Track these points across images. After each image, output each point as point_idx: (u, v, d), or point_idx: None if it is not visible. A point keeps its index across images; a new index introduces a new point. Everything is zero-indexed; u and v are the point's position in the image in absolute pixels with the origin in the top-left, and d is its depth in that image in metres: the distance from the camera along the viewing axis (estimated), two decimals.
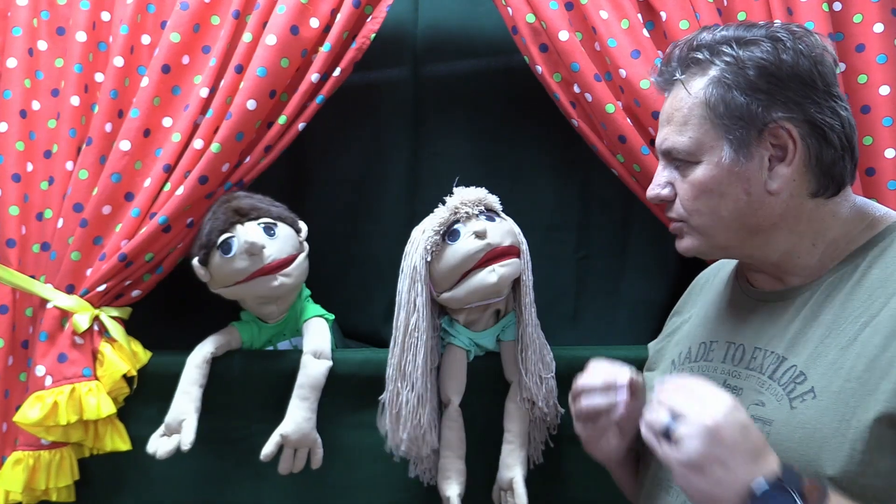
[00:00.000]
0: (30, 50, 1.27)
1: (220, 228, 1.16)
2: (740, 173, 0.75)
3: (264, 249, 1.16)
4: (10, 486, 1.18)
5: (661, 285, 1.45)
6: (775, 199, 0.75)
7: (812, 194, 0.76)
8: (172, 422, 1.16)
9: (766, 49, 0.73)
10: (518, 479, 1.12)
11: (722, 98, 0.74)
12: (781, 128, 0.73)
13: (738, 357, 0.81)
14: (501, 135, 1.49)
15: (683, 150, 0.78)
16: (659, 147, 0.82)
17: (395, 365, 1.11)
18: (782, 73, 0.73)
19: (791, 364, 0.74)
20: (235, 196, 1.22)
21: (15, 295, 1.26)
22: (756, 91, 0.73)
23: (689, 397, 0.68)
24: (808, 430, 0.69)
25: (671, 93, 0.81)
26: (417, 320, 1.09)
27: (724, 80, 0.74)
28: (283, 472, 1.17)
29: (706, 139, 0.76)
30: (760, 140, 0.74)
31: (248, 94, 1.20)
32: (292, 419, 1.15)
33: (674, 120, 0.79)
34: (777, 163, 0.75)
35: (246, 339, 1.27)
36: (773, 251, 0.79)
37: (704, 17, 1.20)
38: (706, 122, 0.76)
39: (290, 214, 1.26)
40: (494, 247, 1.09)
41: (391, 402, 1.12)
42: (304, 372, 1.18)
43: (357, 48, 1.27)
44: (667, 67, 0.81)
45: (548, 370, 1.16)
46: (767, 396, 0.74)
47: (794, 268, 0.79)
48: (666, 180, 0.82)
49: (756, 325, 0.81)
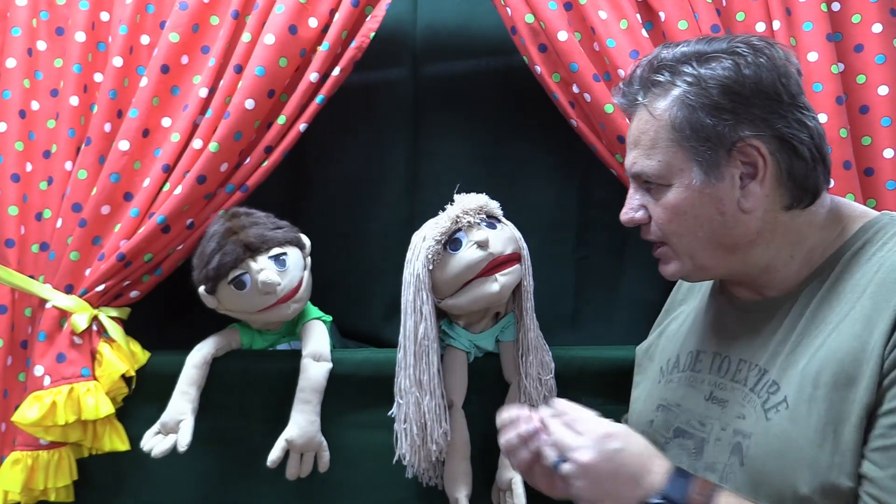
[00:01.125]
0: (29, 50, 1.28)
1: (230, 264, 1.14)
2: (712, 194, 0.74)
3: (278, 287, 1.15)
4: (8, 486, 1.18)
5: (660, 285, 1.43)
6: (750, 216, 0.75)
7: (786, 207, 0.75)
8: (169, 421, 1.16)
9: (726, 66, 0.72)
10: (517, 479, 1.12)
11: (687, 120, 0.73)
12: (750, 146, 0.72)
13: (725, 369, 0.81)
14: (500, 135, 1.49)
15: (653, 174, 0.77)
16: (629, 170, 0.81)
17: (409, 376, 1.10)
18: (746, 90, 0.72)
19: (770, 377, 0.74)
20: (240, 224, 1.17)
21: (14, 295, 1.26)
22: (721, 111, 0.72)
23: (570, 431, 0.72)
24: (783, 441, 0.68)
25: (636, 115, 0.80)
26: (426, 328, 1.09)
27: (687, 100, 0.74)
28: (291, 478, 1.16)
29: (675, 162, 0.75)
30: (730, 159, 0.73)
31: (247, 94, 1.20)
32: (296, 424, 1.15)
33: (641, 143, 0.78)
34: (749, 180, 0.74)
35: (246, 341, 1.27)
36: (753, 267, 0.78)
37: (703, 17, 1.20)
38: (674, 145, 0.75)
39: (294, 234, 1.22)
40: (497, 256, 1.09)
41: (413, 414, 1.09)
42: (305, 375, 1.17)
43: (357, 47, 1.27)
44: (629, 89, 0.80)
45: (547, 372, 1.16)
46: (748, 409, 0.74)
47: (774, 280, 0.79)
48: (639, 203, 0.82)
49: (741, 337, 0.81)
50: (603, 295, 1.48)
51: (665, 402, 0.87)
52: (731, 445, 0.74)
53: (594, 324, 1.47)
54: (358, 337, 1.49)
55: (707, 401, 0.80)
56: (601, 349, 1.24)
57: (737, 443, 0.74)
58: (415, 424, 1.09)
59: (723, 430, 0.77)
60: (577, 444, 0.70)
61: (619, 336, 1.44)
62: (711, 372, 0.82)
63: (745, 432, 0.73)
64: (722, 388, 0.80)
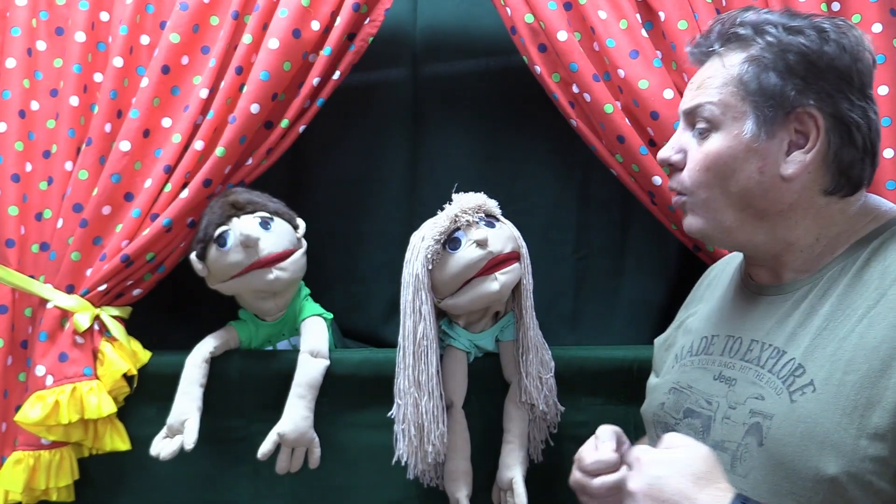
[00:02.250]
0: (29, 50, 1.27)
1: (216, 222, 1.17)
2: (758, 150, 0.74)
3: (259, 242, 1.16)
4: (10, 486, 1.18)
5: (660, 285, 1.45)
6: (787, 185, 0.74)
7: (825, 191, 0.75)
8: (175, 422, 1.16)
9: (811, 37, 0.73)
10: (518, 478, 1.12)
11: (756, 76, 0.74)
12: (808, 114, 0.73)
13: (735, 349, 0.80)
14: (500, 135, 1.49)
15: (709, 111, 0.77)
16: (683, 107, 0.81)
17: (408, 377, 1.09)
18: (822, 63, 0.72)
19: (790, 357, 0.73)
20: (233, 191, 1.22)
21: (14, 295, 1.26)
22: (793, 75, 0.73)
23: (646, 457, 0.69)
24: (809, 425, 0.68)
25: (706, 63, 0.80)
26: (426, 328, 1.08)
27: (762, 59, 0.74)
28: (281, 472, 1.17)
29: (733, 108, 0.75)
30: (786, 122, 0.73)
31: (252, 98, 1.21)
32: (289, 418, 1.15)
33: (705, 85, 0.78)
34: (796, 149, 0.74)
35: (244, 338, 1.27)
36: (777, 241, 0.78)
37: (703, 16, 1.20)
38: (737, 94, 0.75)
39: (288, 211, 1.26)
40: (496, 255, 1.09)
41: (411, 415, 1.09)
42: (301, 371, 1.18)
43: (355, 51, 1.28)
44: (705, 40, 0.81)
45: (547, 370, 1.17)
46: (767, 390, 0.73)
47: (795, 261, 0.78)
48: (680, 146, 0.81)
49: (755, 318, 0.80)
50: (603, 295, 1.48)
51: (677, 385, 0.86)
52: (748, 426, 0.73)
53: (594, 324, 1.47)
54: (358, 337, 1.49)
55: (715, 380, 0.80)
56: (601, 349, 1.24)
57: (755, 423, 0.72)
58: (412, 425, 1.09)
59: (731, 409, 0.76)
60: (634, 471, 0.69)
61: (618, 336, 1.44)
62: (723, 354, 0.82)
63: (765, 413, 0.72)
64: (731, 368, 0.79)
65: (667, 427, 0.85)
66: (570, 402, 1.20)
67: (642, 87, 1.18)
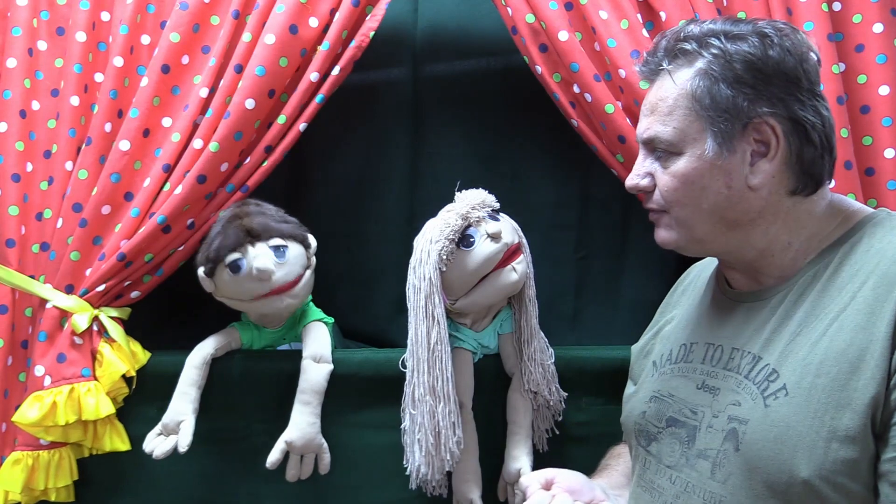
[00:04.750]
0: (29, 50, 1.27)
1: (230, 247, 1.14)
2: (722, 166, 0.75)
3: (273, 275, 1.14)
4: (9, 487, 1.18)
5: (660, 285, 1.43)
6: (755, 194, 0.76)
7: (791, 192, 0.76)
8: (170, 422, 1.16)
9: (753, 44, 0.74)
10: (526, 469, 1.12)
11: (708, 90, 0.75)
12: (766, 123, 0.74)
13: (717, 358, 0.81)
14: (501, 135, 1.49)
15: (666, 141, 0.78)
16: (640, 136, 0.82)
17: (423, 384, 1.07)
18: (768, 69, 0.73)
19: (765, 363, 0.74)
20: (247, 212, 1.18)
21: (14, 295, 1.26)
22: (742, 85, 0.73)
23: None
24: (782, 429, 0.69)
25: (656, 83, 0.81)
26: (439, 333, 1.07)
27: (710, 72, 0.75)
28: (291, 480, 1.16)
29: (690, 131, 0.76)
30: (744, 134, 0.74)
31: (247, 94, 1.20)
32: (296, 425, 1.14)
33: (658, 110, 0.79)
34: (759, 158, 0.75)
35: (246, 340, 1.27)
36: (750, 248, 0.79)
37: (704, 16, 1.20)
38: (691, 114, 0.76)
39: (300, 231, 1.22)
40: (509, 246, 1.10)
41: (428, 424, 1.07)
42: (305, 377, 1.17)
43: (356, 47, 1.27)
44: (653, 57, 0.81)
45: (548, 357, 1.17)
46: (743, 396, 0.74)
47: (770, 266, 0.79)
48: (646, 171, 0.82)
49: (734, 326, 0.81)
50: (603, 295, 1.48)
51: (657, 393, 0.87)
52: (725, 432, 0.74)
53: (594, 324, 1.47)
54: (360, 337, 1.49)
55: (699, 389, 0.81)
56: (601, 349, 1.24)
57: (731, 429, 0.74)
58: (429, 434, 1.07)
59: (714, 418, 0.77)
60: None
61: (619, 336, 1.44)
62: (704, 362, 0.82)
63: (741, 418, 0.73)
64: (714, 377, 0.80)
65: (649, 436, 0.85)
66: (571, 403, 1.20)
67: (643, 87, 1.17)
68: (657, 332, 0.99)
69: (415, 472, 1.10)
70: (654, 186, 0.81)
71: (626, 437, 0.95)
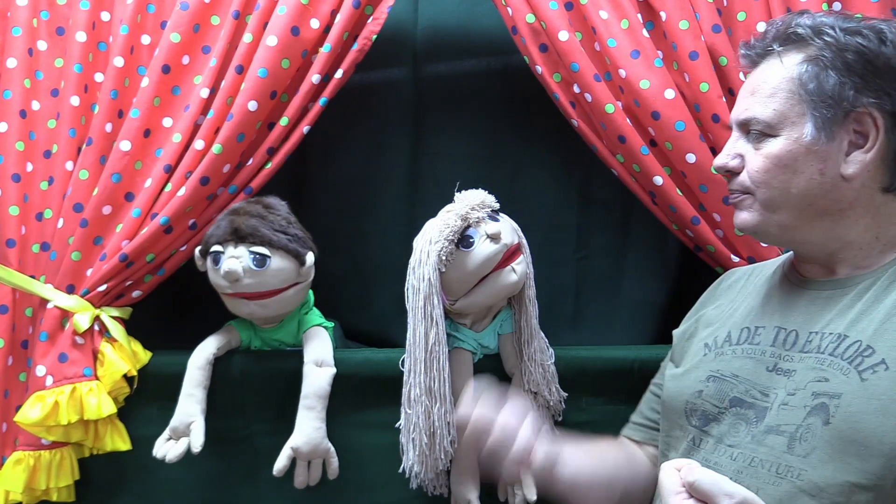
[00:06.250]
0: (29, 50, 1.27)
1: (216, 238, 1.15)
2: (819, 152, 0.75)
3: (243, 279, 1.13)
4: (10, 486, 1.18)
5: (660, 286, 1.45)
6: (848, 185, 0.75)
7: (884, 188, 0.75)
8: (179, 425, 1.15)
9: (868, 37, 0.74)
10: None
11: (816, 75, 0.74)
12: (869, 114, 0.73)
13: (791, 342, 0.79)
14: (501, 135, 1.49)
15: (764, 122, 0.77)
16: (736, 118, 0.81)
17: (419, 384, 1.08)
18: (880, 63, 0.73)
19: (854, 340, 0.73)
20: (247, 210, 1.17)
21: (15, 295, 1.26)
22: (851, 74, 0.73)
23: None
24: (885, 401, 0.68)
25: (760, 66, 0.81)
26: (437, 334, 1.08)
27: (821, 58, 0.74)
28: (300, 486, 1.16)
29: (790, 114, 0.76)
30: (845, 123, 0.74)
31: (249, 95, 1.20)
32: (301, 431, 1.14)
33: (759, 91, 0.79)
34: (855, 149, 0.74)
35: (244, 338, 1.27)
36: (835, 239, 0.78)
37: (704, 17, 1.20)
38: (793, 97, 0.76)
39: (295, 246, 1.17)
40: (509, 246, 1.10)
41: (423, 424, 1.08)
42: (308, 381, 1.17)
43: (358, 49, 1.27)
44: (761, 42, 0.81)
45: (548, 357, 1.17)
46: (831, 372, 0.73)
47: (854, 259, 0.78)
48: (737, 152, 0.81)
49: (810, 311, 0.80)
50: (603, 295, 1.48)
51: (718, 373, 0.85)
52: (809, 408, 0.72)
53: (594, 324, 1.47)
54: (362, 337, 1.49)
55: (770, 371, 0.79)
56: (602, 349, 1.24)
57: (820, 404, 0.72)
58: (424, 434, 1.08)
59: (790, 395, 0.75)
60: None
61: (619, 336, 1.44)
62: (775, 345, 0.81)
63: (830, 393, 0.71)
64: (788, 360, 0.78)
65: (706, 416, 0.83)
66: (571, 403, 1.20)
67: (643, 87, 1.18)
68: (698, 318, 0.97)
69: (408, 470, 1.11)
70: (742, 168, 0.80)
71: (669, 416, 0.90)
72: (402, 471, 1.12)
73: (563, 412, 1.20)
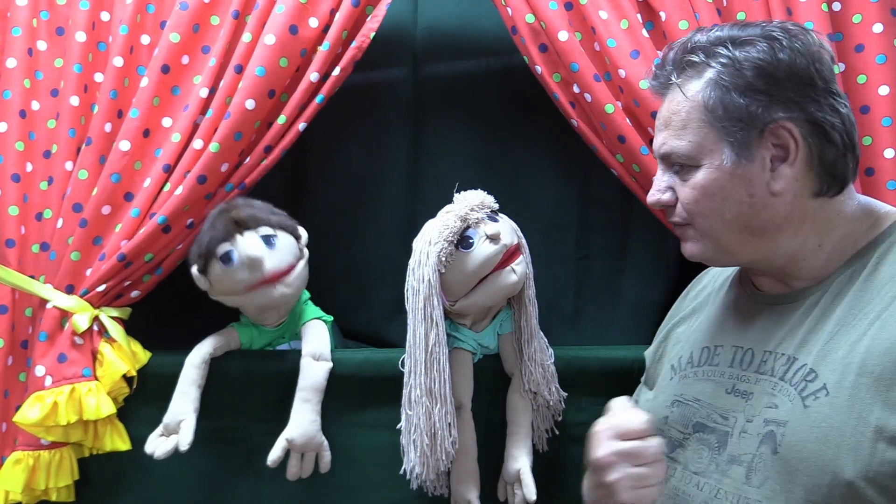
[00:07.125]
0: (29, 50, 1.27)
1: (219, 239, 1.15)
2: (742, 175, 0.74)
3: (264, 261, 1.14)
4: (9, 486, 1.18)
5: (660, 286, 1.44)
6: (779, 199, 0.74)
7: (815, 194, 0.75)
8: (171, 422, 1.16)
9: (762, 49, 0.72)
10: (525, 468, 1.12)
11: (720, 100, 0.73)
12: (782, 127, 0.72)
13: (748, 361, 0.80)
14: (501, 135, 1.49)
15: (683, 155, 0.77)
16: (657, 151, 0.81)
17: (420, 385, 1.08)
18: (780, 73, 0.72)
19: (802, 364, 0.73)
20: (234, 205, 1.19)
21: (14, 295, 1.26)
22: (755, 92, 0.72)
23: None
24: (824, 429, 0.67)
25: (667, 96, 0.80)
26: (437, 335, 1.07)
27: (721, 81, 0.74)
28: (292, 478, 1.16)
29: (706, 142, 0.75)
30: (761, 141, 0.73)
31: (247, 94, 1.20)
32: (296, 423, 1.14)
33: (672, 124, 0.78)
34: (779, 163, 0.74)
35: (245, 340, 1.27)
36: (780, 254, 0.78)
37: (704, 17, 1.20)
38: (705, 126, 0.75)
39: (290, 222, 1.23)
40: (508, 247, 1.10)
41: (423, 425, 1.07)
42: (305, 375, 1.17)
43: (357, 47, 1.27)
44: (661, 71, 0.80)
45: (548, 357, 1.17)
46: (780, 398, 0.73)
47: (801, 270, 0.78)
48: (666, 185, 0.81)
49: (764, 329, 0.80)
50: (603, 295, 1.48)
51: (681, 398, 0.85)
52: (762, 436, 0.73)
53: (594, 324, 1.47)
54: (359, 337, 1.49)
55: (729, 394, 0.79)
56: (602, 349, 1.24)
57: (769, 432, 0.72)
58: (425, 435, 1.07)
59: (749, 422, 0.75)
60: None
61: (619, 336, 1.44)
62: (733, 365, 0.81)
63: (778, 420, 0.72)
64: (745, 381, 0.78)
65: (672, 442, 0.84)
66: (570, 403, 1.20)
67: (643, 87, 1.18)
68: (666, 335, 0.98)
69: (409, 472, 1.11)
70: (676, 200, 0.80)
71: None
72: (403, 472, 1.12)
73: (563, 412, 1.20)
